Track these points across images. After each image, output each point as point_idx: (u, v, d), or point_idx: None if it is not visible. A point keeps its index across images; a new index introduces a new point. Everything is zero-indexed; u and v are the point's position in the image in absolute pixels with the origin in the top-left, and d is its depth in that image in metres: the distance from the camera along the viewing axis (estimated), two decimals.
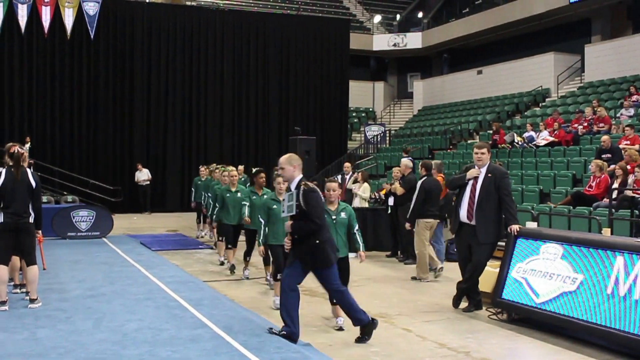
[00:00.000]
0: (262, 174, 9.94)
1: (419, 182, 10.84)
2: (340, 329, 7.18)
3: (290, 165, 6.52)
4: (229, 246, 11.15)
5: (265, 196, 9.09)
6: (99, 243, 14.30)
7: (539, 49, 27.72)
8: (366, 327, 6.68)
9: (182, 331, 6.64)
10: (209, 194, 13.10)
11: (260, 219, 8.15)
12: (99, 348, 6.04)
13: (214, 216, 11.54)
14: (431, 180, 10.84)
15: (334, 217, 7.31)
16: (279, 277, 7.58)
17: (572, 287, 6.83)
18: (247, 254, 10.37)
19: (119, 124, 23.93)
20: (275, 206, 8.07)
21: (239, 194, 10.88)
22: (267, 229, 8.13)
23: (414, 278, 10.48)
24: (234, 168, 11.61)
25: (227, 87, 25.75)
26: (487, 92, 29.39)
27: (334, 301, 7.00)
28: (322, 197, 6.70)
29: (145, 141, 24.30)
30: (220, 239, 11.92)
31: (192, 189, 16.46)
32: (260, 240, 8.20)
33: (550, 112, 21.85)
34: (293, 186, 6.50)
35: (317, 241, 6.40)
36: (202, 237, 15.97)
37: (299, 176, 6.51)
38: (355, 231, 7.49)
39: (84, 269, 10.84)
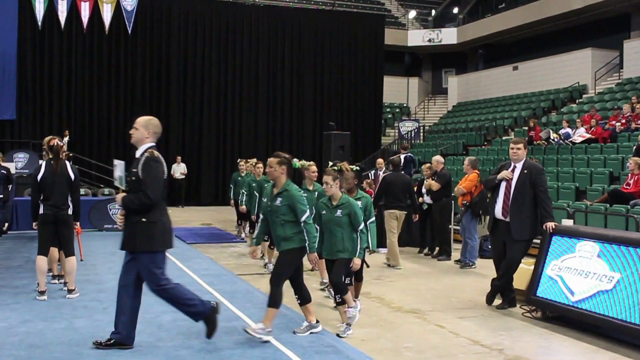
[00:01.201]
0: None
1: (382, 176, 12.12)
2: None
3: (145, 130, 5.83)
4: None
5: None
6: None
7: (577, 44, 27.31)
8: (210, 317, 5.94)
9: None
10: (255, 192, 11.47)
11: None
12: (135, 339, 6.14)
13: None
14: (395, 175, 11.63)
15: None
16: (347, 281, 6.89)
17: (608, 285, 6.75)
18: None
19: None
20: (324, 212, 6.88)
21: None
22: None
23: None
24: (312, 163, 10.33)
25: (261, 81, 25.88)
26: (522, 88, 29.07)
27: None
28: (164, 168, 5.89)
29: (181, 135, 24.57)
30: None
31: (231, 185, 15.09)
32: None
33: (587, 109, 21.55)
34: (139, 153, 5.82)
35: (144, 219, 5.70)
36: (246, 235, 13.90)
37: (149, 144, 5.82)
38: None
39: (120, 261, 10.89)
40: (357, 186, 7.80)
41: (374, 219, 7.58)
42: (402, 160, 14.91)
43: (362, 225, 6.75)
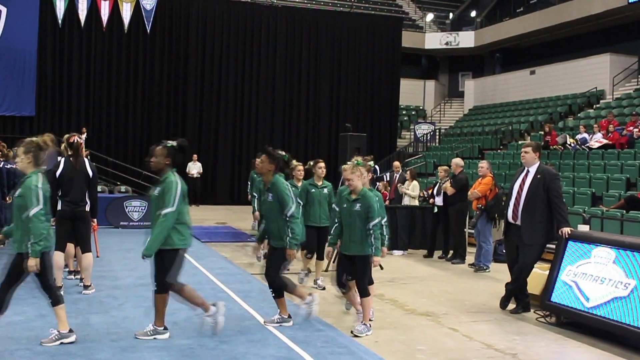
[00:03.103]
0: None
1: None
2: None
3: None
4: (309, 255, 9.24)
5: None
6: (150, 233, 14.51)
7: (595, 49, 27.15)
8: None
9: (230, 322, 6.72)
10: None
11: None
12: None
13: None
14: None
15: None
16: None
17: (624, 292, 6.71)
18: None
19: (172, 117, 24.38)
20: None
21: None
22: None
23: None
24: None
25: (278, 82, 25.96)
26: (539, 93, 28.94)
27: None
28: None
29: (197, 134, 24.68)
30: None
31: (249, 182, 14.70)
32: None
33: (605, 114, 21.44)
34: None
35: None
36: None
37: None
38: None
39: (136, 258, 10.99)
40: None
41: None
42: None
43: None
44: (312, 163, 9.38)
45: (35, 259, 5.54)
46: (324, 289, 8.86)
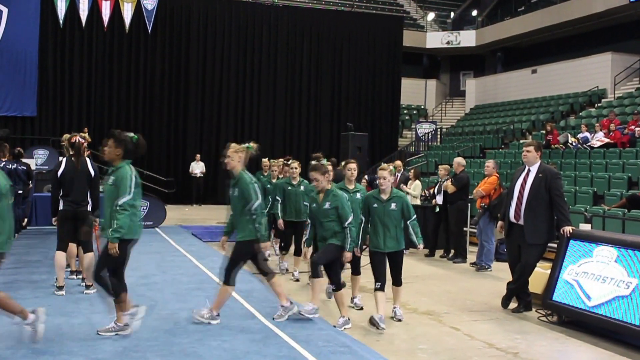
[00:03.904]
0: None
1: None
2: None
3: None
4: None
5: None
6: (152, 233, 14.58)
7: (596, 48, 27.15)
8: None
9: (231, 321, 6.75)
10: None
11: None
12: (151, 335, 6.20)
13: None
14: None
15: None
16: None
17: (626, 291, 6.71)
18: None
19: (173, 117, 24.38)
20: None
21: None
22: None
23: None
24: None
25: (280, 81, 25.96)
26: (541, 92, 28.93)
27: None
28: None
29: (199, 134, 24.71)
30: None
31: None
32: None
33: (606, 113, 21.41)
34: None
35: None
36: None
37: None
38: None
39: (137, 257, 11.00)
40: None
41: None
42: None
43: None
44: (343, 164, 8.30)
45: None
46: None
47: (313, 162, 7.33)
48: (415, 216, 7.26)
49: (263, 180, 11.54)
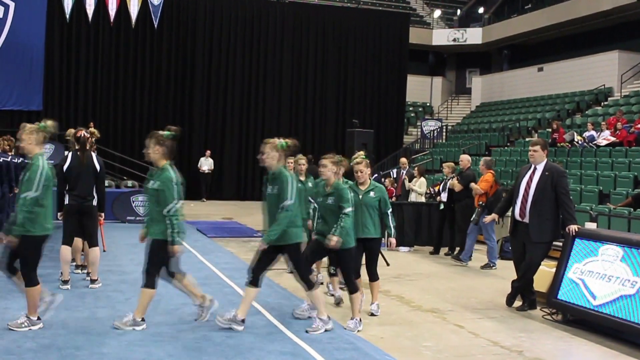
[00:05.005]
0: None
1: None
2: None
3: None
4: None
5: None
6: None
7: (603, 46, 27.05)
8: None
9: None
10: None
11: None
12: (156, 331, 6.21)
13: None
14: None
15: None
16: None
17: (631, 290, 6.70)
18: None
19: (179, 112, 24.38)
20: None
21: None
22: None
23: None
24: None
25: (285, 78, 25.94)
26: (547, 90, 28.86)
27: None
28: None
29: (204, 130, 24.72)
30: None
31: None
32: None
33: (613, 112, 21.36)
34: None
35: None
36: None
37: None
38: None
39: (142, 252, 11.03)
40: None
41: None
42: None
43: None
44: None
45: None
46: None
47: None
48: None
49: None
